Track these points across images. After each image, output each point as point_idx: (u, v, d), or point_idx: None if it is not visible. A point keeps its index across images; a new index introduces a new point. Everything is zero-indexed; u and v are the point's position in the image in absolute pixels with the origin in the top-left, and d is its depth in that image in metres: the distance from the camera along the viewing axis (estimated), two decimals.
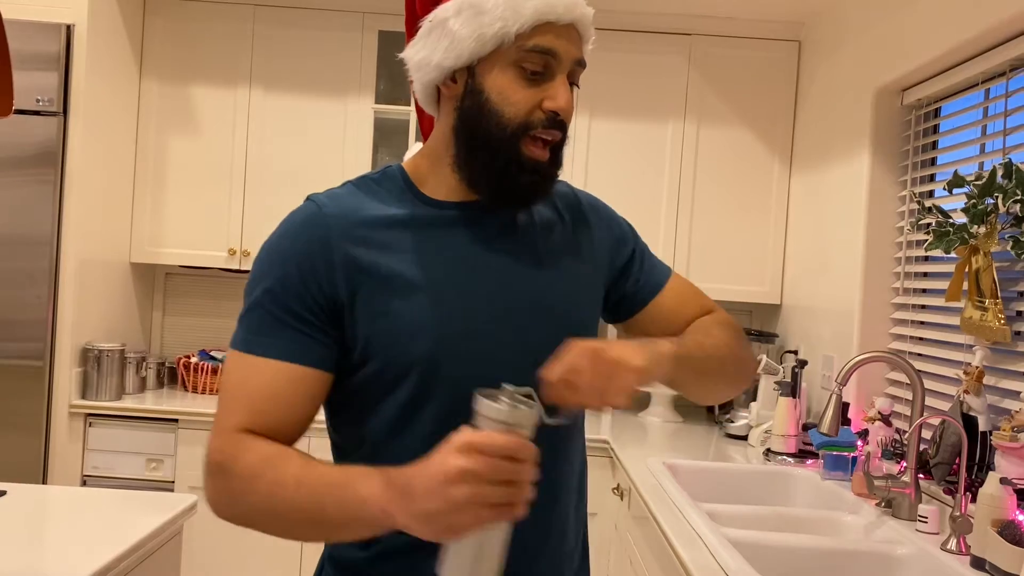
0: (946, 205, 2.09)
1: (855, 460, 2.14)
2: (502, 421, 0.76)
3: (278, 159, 3.14)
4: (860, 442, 2.20)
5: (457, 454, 0.76)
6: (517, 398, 0.77)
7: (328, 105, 3.15)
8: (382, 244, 0.98)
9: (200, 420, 2.84)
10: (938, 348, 2.17)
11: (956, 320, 2.03)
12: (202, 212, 3.16)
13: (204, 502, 0.95)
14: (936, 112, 2.35)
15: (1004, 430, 1.60)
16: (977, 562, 1.51)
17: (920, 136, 2.39)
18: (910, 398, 1.96)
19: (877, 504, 1.89)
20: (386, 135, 3.26)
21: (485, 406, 0.77)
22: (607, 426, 2.88)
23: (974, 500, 1.60)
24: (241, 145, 3.14)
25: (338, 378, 0.98)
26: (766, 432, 2.58)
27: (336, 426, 1.04)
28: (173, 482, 2.86)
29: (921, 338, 2.28)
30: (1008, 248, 1.77)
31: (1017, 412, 1.62)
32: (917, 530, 1.74)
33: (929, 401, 2.09)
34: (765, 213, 3.18)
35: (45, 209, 2.74)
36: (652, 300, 1.16)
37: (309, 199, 1.02)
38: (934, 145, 2.36)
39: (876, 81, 2.45)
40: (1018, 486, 1.53)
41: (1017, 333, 1.84)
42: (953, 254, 1.97)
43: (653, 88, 3.16)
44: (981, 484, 1.57)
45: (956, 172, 1.98)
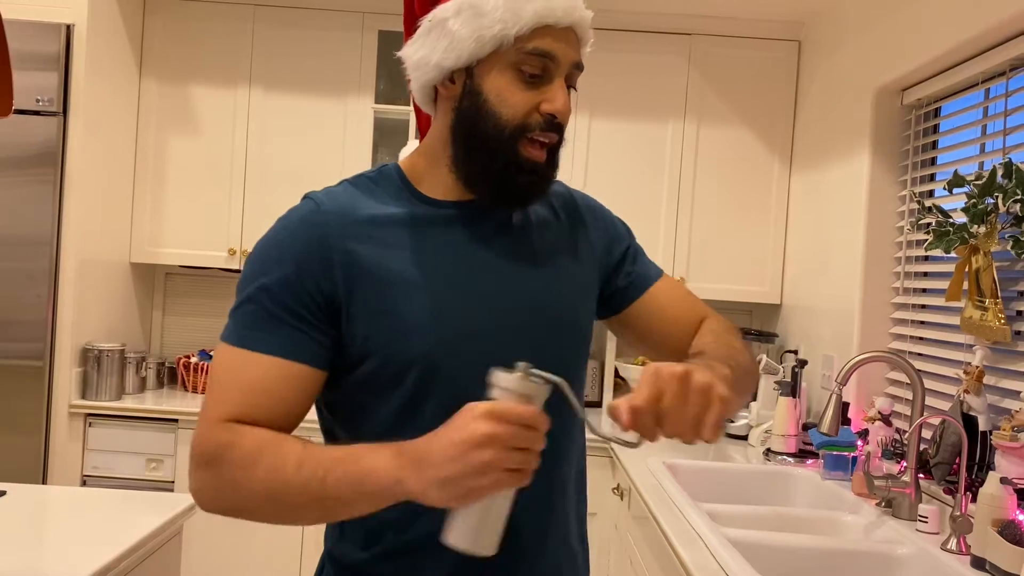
0: (946, 205, 2.09)
1: (855, 460, 2.14)
2: (520, 392, 0.81)
3: (278, 159, 3.15)
4: (860, 442, 2.20)
5: (482, 420, 0.79)
6: (531, 373, 0.82)
7: (328, 105, 3.15)
8: (380, 242, 0.97)
9: None
10: (938, 348, 2.17)
11: (956, 320, 2.03)
12: (202, 212, 3.16)
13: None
14: (936, 112, 2.35)
15: (1004, 430, 1.60)
16: (977, 562, 1.52)
17: (920, 136, 2.39)
18: (910, 398, 1.96)
19: (877, 504, 1.89)
20: (386, 135, 3.26)
21: (503, 378, 0.82)
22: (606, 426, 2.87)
23: (974, 500, 1.61)
24: (241, 145, 3.15)
25: (335, 377, 0.98)
26: (766, 432, 2.58)
27: (332, 426, 1.04)
28: (173, 482, 2.86)
29: (921, 338, 2.28)
30: (1008, 248, 1.77)
31: (1017, 412, 1.62)
32: (917, 530, 1.74)
33: (929, 401, 2.09)
34: (765, 213, 3.18)
35: (45, 209, 2.74)
36: (642, 295, 1.15)
37: (307, 197, 1.01)
38: (934, 145, 2.36)
39: (876, 81, 2.45)
40: (1018, 486, 1.53)
41: (1017, 333, 1.84)
42: (953, 254, 1.97)
43: (653, 88, 3.16)
44: (981, 484, 1.57)
45: (956, 172, 1.98)
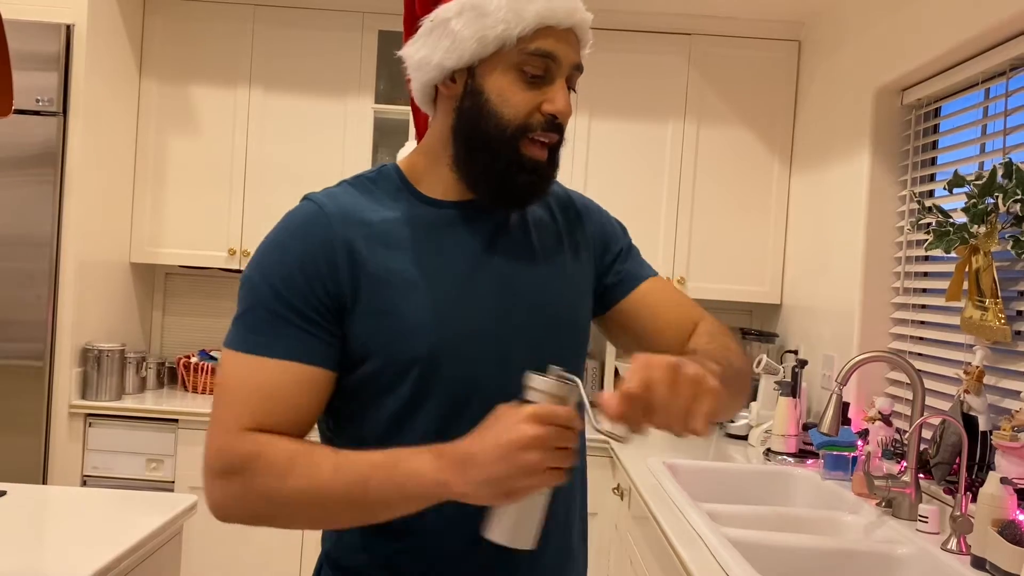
0: (946, 205, 2.09)
1: (855, 460, 2.14)
2: (555, 394, 0.86)
3: (278, 159, 3.14)
4: (860, 442, 2.20)
5: (527, 423, 0.82)
6: (563, 376, 0.87)
7: (328, 105, 3.15)
8: (381, 242, 0.97)
9: (200, 420, 2.84)
10: (938, 348, 2.17)
11: (956, 320, 2.03)
12: (202, 212, 3.16)
13: (204, 502, 0.94)
14: (936, 112, 2.35)
15: (1004, 430, 1.60)
16: (977, 562, 1.52)
17: (920, 136, 2.39)
18: (910, 398, 1.96)
19: (877, 504, 1.89)
20: (386, 135, 3.26)
21: (540, 381, 0.86)
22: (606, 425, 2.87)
23: (974, 500, 1.60)
24: (241, 145, 3.15)
25: (337, 377, 0.98)
26: (766, 432, 2.58)
27: (333, 427, 1.03)
28: (173, 482, 2.86)
29: (921, 338, 2.28)
30: (1008, 248, 1.77)
31: (1017, 412, 1.62)
32: (917, 530, 1.74)
33: (929, 401, 2.09)
34: (765, 213, 3.18)
35: (45, 209, 2.74)
36: (631, 293, 1.14)
37: (307, 198, 1.01)
38: (934, 145, 2.36)
39: (876, 81, 2.45)
40: (1018, 486, 1.53)
41: (1017, 333, 1.84)
42: (953, 254, 1.97)
43: (653, 88, 3.16)
44: (981, 484, 1.57)
45: (956, 172, 1.98)
